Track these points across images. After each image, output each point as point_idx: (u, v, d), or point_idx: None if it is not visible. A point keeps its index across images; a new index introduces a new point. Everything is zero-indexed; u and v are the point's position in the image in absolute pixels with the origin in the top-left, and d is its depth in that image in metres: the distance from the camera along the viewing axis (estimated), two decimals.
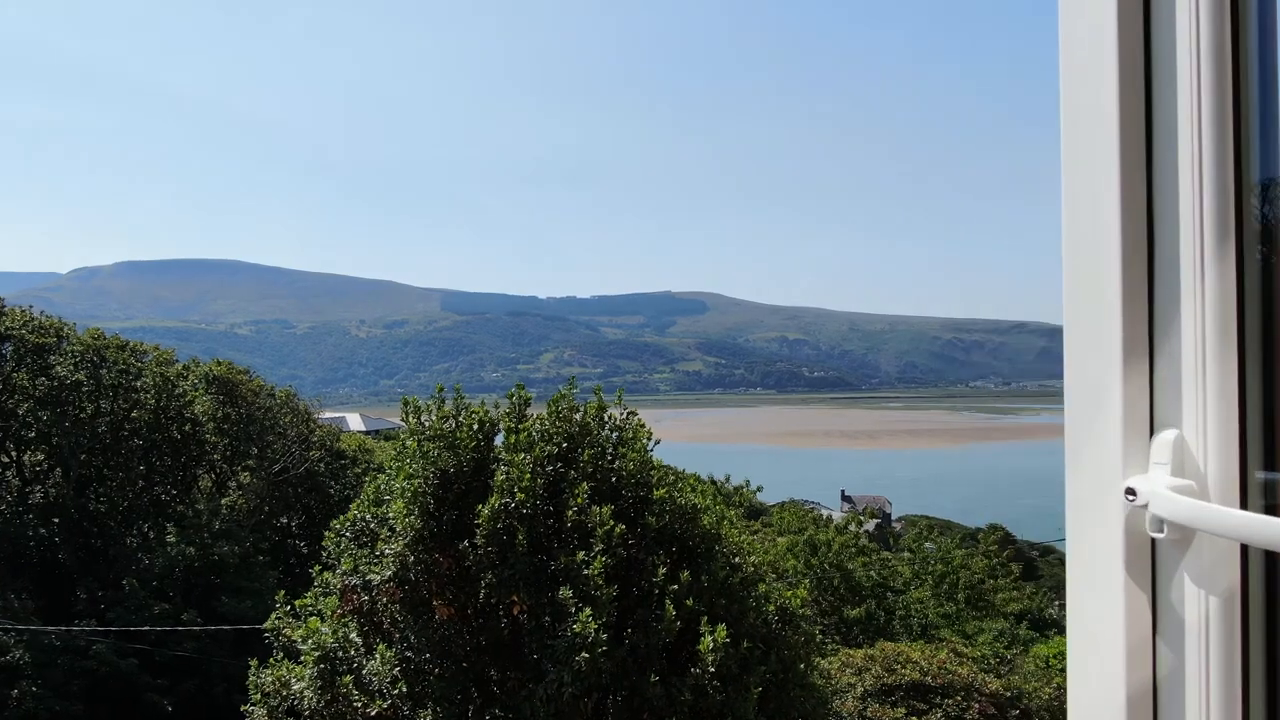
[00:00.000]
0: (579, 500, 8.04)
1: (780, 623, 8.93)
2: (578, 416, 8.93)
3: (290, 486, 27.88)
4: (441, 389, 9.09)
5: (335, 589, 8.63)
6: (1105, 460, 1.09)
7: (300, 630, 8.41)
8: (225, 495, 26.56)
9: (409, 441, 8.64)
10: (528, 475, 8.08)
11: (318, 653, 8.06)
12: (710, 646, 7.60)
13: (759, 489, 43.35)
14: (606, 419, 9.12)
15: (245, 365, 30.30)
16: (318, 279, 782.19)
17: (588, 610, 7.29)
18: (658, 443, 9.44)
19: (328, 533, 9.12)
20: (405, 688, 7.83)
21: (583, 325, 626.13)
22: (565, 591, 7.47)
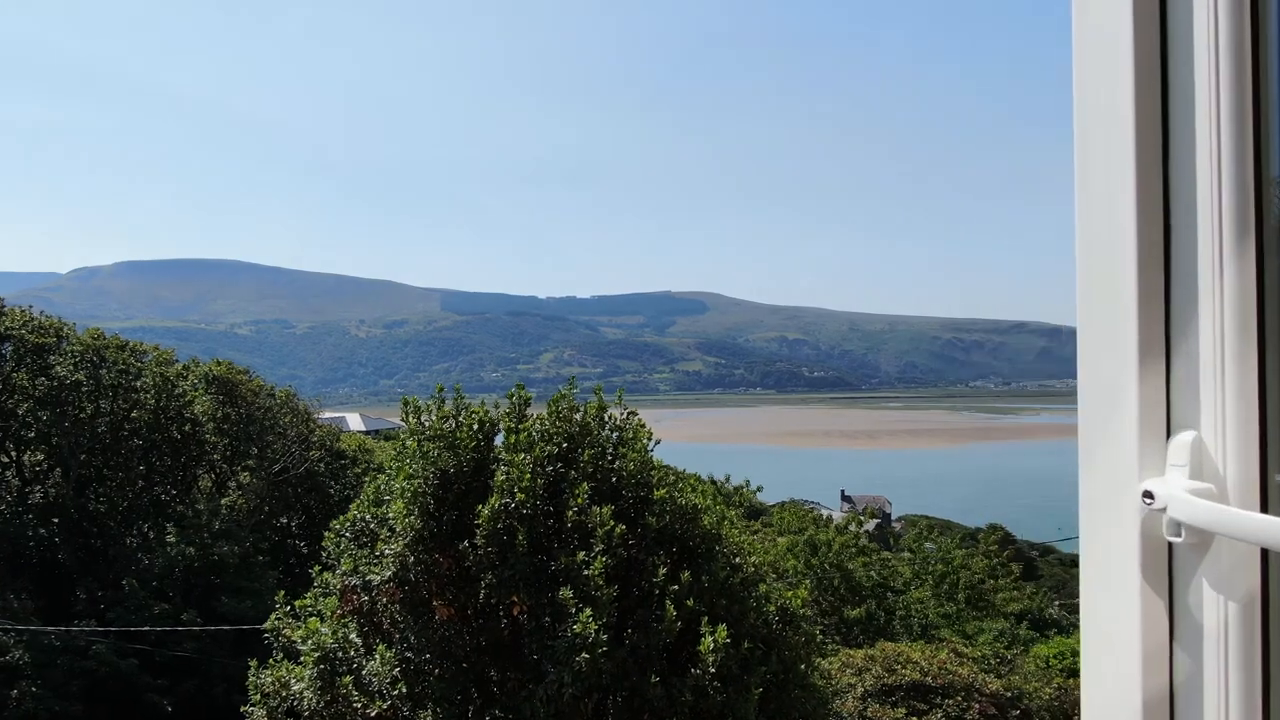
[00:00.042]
0: (579, 500, 8.01)
1: (781, 623, 8.91)
2: (578, 416, 8.91)
3: (290, 486, 27.87)
4: (441, 389, 9.06)
5: (335, 589, 8.61)
6: (1120, 462, 1.06)
7: (300, 631, 8.39)
8: (225, 495, 26.56)
9: (409, 441, 8.61)
10: (528, 475, 8.06)
11: (317, 653, 8.04)
12: (711, 647, 7.58)
13: (759, 489, 43.27)
14: (607, 419, 9.09)
15: (245, 365, 30.30)
16: (318, 279, 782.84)
17: (588, 611, 7.27)
18: (658, 443, 9.41)
19: (327, 533, 9.10)
20: (405, 688, 7.82)
21: (582, 325, 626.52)
22: (565, 592, 7.45)
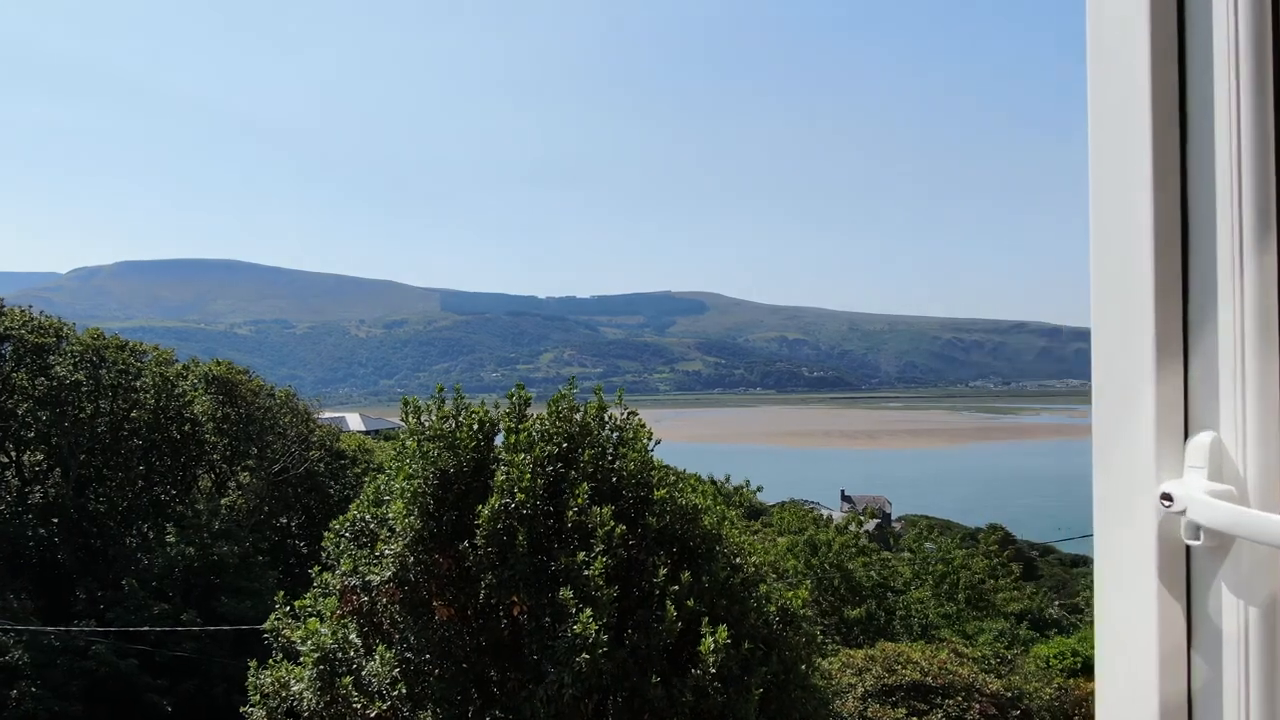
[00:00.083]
0: (579, 500, 8.00)
1: (781, 623, 8.89)
2: (578, 416, 8.89)
3: (290, 486, 27.85)
4: (441, 389, 9.04)
5: (335, 590, 8.59)
6: (1137, 463, 1.04)
7: (300, 631, 8.37)
8: (225, 495, 26.54)
9: (409, 441, 8.60)
10: (528, 475, 8.04)
11: (317, 654, 8.02)
12: (711, 647, 7.56)
13: (759, 489, 43.22)
14: (607, 419, 9.08)
15: (245, 365, 30.27)
16: (317, 279, 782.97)
17: (588, 611, 7.26)
18: (658, 443, 9.39)
19: (327, 533, 9.09)
20: (405, 689, 7.80)
21: (582, 325, 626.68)
22: (565, 592, 7.43)
